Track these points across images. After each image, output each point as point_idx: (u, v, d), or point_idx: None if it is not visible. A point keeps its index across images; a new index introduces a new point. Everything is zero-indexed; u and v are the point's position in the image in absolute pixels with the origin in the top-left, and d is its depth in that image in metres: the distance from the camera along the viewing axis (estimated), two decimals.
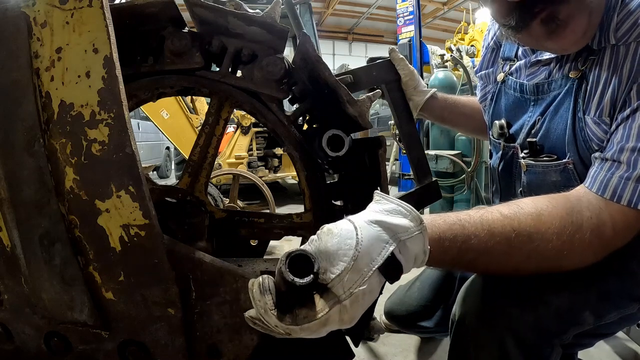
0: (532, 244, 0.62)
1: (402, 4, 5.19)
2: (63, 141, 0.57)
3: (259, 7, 1.03)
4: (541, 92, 0.87)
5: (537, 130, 0.87)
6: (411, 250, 0.55)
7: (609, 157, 0.69)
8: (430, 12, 15.50)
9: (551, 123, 0.83)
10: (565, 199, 0.68)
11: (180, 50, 0.76)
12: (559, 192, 0.69)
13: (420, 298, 1.20)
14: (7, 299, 0.64)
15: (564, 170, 0.81)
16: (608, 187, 0.67)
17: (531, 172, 0.87)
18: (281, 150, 4.58)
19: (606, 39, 0.73)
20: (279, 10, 0.75)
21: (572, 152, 0.79)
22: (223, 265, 0.65)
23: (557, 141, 0.82)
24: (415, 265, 0.57)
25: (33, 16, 0.56)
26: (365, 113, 0.74)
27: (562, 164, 0.81)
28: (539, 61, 0.89)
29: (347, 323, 0.51)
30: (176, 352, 0.64)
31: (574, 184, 0.76)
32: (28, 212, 0.58)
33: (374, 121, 6.83)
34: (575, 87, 0.79)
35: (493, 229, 0.61)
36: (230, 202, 2.72)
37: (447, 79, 4.16)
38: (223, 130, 0.85)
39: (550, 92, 0.85)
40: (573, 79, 0.79)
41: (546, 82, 0.86)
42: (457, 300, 0.72)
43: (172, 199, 0.83)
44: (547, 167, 0.83)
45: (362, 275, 0.51)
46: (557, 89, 0.83)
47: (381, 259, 0.52)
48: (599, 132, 0.74)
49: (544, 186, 0.84)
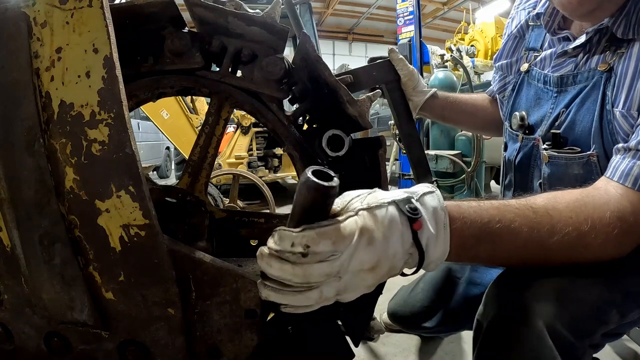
0: (553, 231, 0.62)
1: (402, 4, 5.19)
2: (63, 141, 0.57)
3: (259, 7, 1.03)
4: (566, 84, 0.87)
5: (560, 122, 0.87)
6: (428, 203, 0.56)
7: (633, 147, 0.69)
8: (430, 12, 15.52)
9: (577, 115, 0.83)
10: (585, 191, 0.68)
11: (180, 50, 0.76)
12: (580, 186, 0.69)
13: (424, 299, 1.20)
14: (7, 299, 0.64)
15: (587, 162, 0.81)
16: (630, 175, 0.67)
17: (553, 164, 0.87)
18: (281, 150, 4.58)
19: (635, 31, 0.73)
20: (279, 10, 0.75)
21: (598, 144, 0.79)
22: (223, 265, 0.65)
23: (582, 133, 0.82)
24: (437, 228, 0.56)
25: (33, 16, 0.55)
26: (365, 113, 0.74)
27: (585, 156, 0.80)
28: (565, 52, 0.89)
29: (364, 240, 0.50)
30: (176, 352, 0.64)
31: (595, 177, 0.76)
32: (28, 212, 0.58)
33: (374, 121, 6.83)
34: (604, 80, 0.78)
35: (513, 211, 0.62)
36: (230, 202, 2.72)
37: (447, 79, 4.17)
38: (223, 130, 0.85)
39: (575, 84, 0.85)
40: (602, 72, 0.79)
41: (571, 75, 0.86)
42: (487, 300, 0.70)
43: (172, 199, 0.83)
44: (570, 159, 0.83)
45: (381, 199, 0.53)
46: (584, 81, 0.83)
47: (399, 197, 0.54)
48: (625, 125, 0.74)
49: (564, 179, 0.84)
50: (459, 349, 1.60)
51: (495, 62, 1.15)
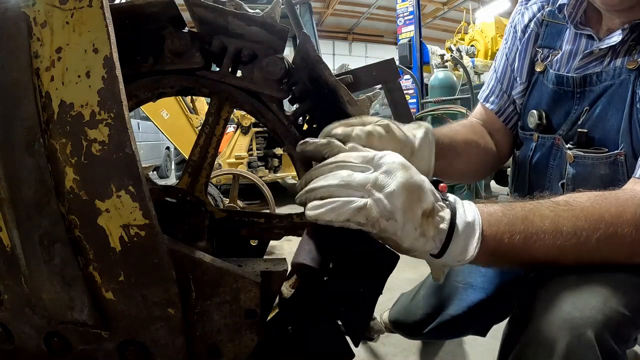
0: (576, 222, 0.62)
1: (402, 4, 5.20)
2: (63, 141, 0.57)
3: (259, 7, 1.03)
4: (589, 84, 0.86)
5: (584, 121, 0.85)
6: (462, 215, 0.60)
7: None
8: (430, 12, 15.52)
9: (603, 114, 0.82)
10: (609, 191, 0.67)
11: (180, 50, 0.76)
12: (606, 187, 0.68)
13: (426, 307, 1.19)
14: (7, 299, 0.64)
15: (614, 162, 0.80)
16: None
17: (579, 164, 0.85)
18: (281, 150, 4.58)
19: None
20: (279, 10, 0.75)
21: (626, 143, 0.78)
22: (223, 265, 0.65)
23: (609, 132, 0.81)
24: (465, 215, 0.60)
25: (33, 16, 0.55)
26: (365, 113, 0.74)
27: (612, 155, 0.80)
28: (592, 52, 0.87)
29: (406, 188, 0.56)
30: (176, 352, 0.64)
31: (621, 177, 0.75)
32: (28, 212, 0.58)
33: None
34: (633, 78, 0.78)
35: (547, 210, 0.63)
36: (230, 202, 2.72)
37: (447, 79, 4.17)
38: (223, 130, 0.85)
39: (600, 83, 0.84)
40: (630, 70, 0.79)
41: (595, 74, 0.84)
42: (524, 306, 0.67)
43: (172, 199, 0.83)
44: (597, 159, 0.82)
45: None
46: (610, 79, 0.82)
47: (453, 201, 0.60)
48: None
49: (590, 179, 0.83)
50: (459, 349, 1.60)
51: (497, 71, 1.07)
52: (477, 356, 1.55)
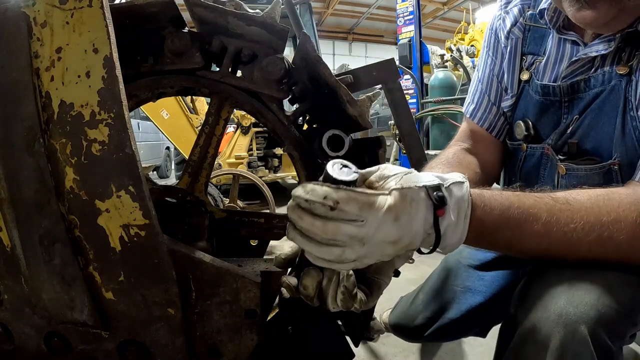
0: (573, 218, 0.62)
1: (402, 4, 5.20)
2: (63, 141, 0.57)
3: (259, 7, 1.03)
4: (577, 91, 0.82)
5: (573, 130, 0.82)
6: (455, 192, 0.58)
7: None
8: (430, 12, 15.52)
9: (594, 122, 0.79)
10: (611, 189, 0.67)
11: (180, 50, 0.76)
12: None
13: (425, 310, 1.19)
14: (7, 299, 0.64)
15: (608, 172, 0.78)
16: None
17: (571, 176, 0.82)
18: (281, 150, 4.58)
19: None
20: (279, 10, 0.75)
21: (621, 151, 0.75)
22: (223, 265, 0.65)
23: (602, 141, 0.78)
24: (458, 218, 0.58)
25: (33, 16, 0.55)
26: (365, 113, 0.74)
27: (606, 165, 0.77)
28: (578, 60, 0.82)
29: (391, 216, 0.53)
30: (176, 352, 0.64)
31: (615, 187, 0.72)
32: (28, 212, 0.58)
33: (374, 121, 6.83)
34: (625, 84, 0.74)
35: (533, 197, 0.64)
36: (230, 202, 2.72)
37: (447, 79, 4.17)
38: (223, 130, 0.85)
39: (589, 89, 0.80)
40: (620, 75, 0.75)
41: (583, 80, 0.80)
42: (519, 303, 0.67)
43: (172, 199, 0.83)
44: (590, 169, 0.79)
45: (414, 182, 0.55)
46: (599, 85, 0.78)
47: (429, 182, 0.56)
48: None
49: None
50: (459, 349, 1.60)
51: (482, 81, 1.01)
52: (477, 356, 1.55)
